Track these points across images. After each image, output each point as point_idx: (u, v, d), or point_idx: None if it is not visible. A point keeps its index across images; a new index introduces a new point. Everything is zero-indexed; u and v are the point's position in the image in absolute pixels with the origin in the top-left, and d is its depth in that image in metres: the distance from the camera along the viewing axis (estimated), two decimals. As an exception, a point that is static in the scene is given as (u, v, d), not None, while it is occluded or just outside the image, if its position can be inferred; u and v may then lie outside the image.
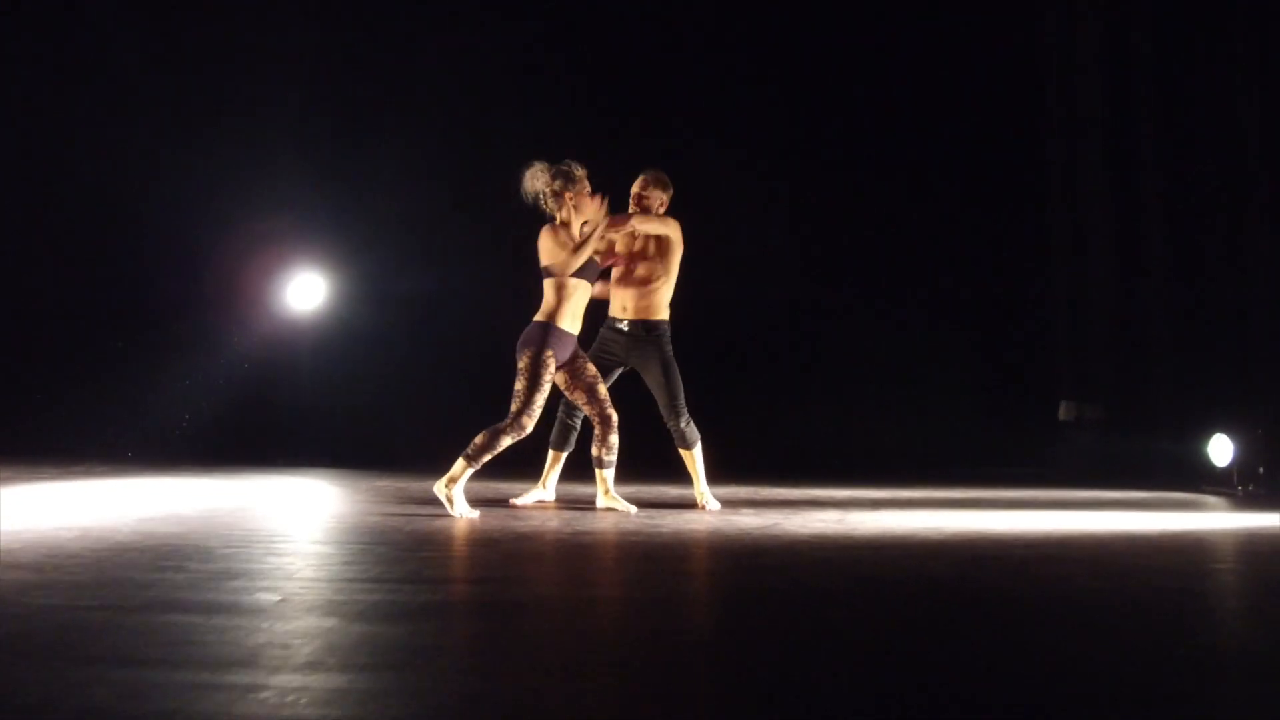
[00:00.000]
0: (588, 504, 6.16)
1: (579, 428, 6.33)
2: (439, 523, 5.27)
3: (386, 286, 9.80)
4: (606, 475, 6.01)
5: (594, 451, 5.99)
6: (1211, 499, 7.33)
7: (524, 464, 6.71)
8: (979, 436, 9.87)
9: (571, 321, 5.74)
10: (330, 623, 2.94)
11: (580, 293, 5.76)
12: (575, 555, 4.46)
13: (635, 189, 6.21)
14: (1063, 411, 9.86)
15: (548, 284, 5.75)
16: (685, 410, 6.19)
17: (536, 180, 5.80)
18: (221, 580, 3.51)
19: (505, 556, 4.33)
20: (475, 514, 5.56)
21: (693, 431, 6.23)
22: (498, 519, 5.50)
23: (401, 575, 3.77)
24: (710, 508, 6.19)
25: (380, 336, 9.78)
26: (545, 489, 6.36)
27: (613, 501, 6.02)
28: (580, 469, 6.53)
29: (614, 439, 5.95)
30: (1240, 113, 8.61)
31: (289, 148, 9.84)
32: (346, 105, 10.00)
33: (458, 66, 9.84)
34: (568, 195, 5.76)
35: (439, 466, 5.69)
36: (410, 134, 9.77)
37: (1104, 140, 9.83)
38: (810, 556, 4.43)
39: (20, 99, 9.64)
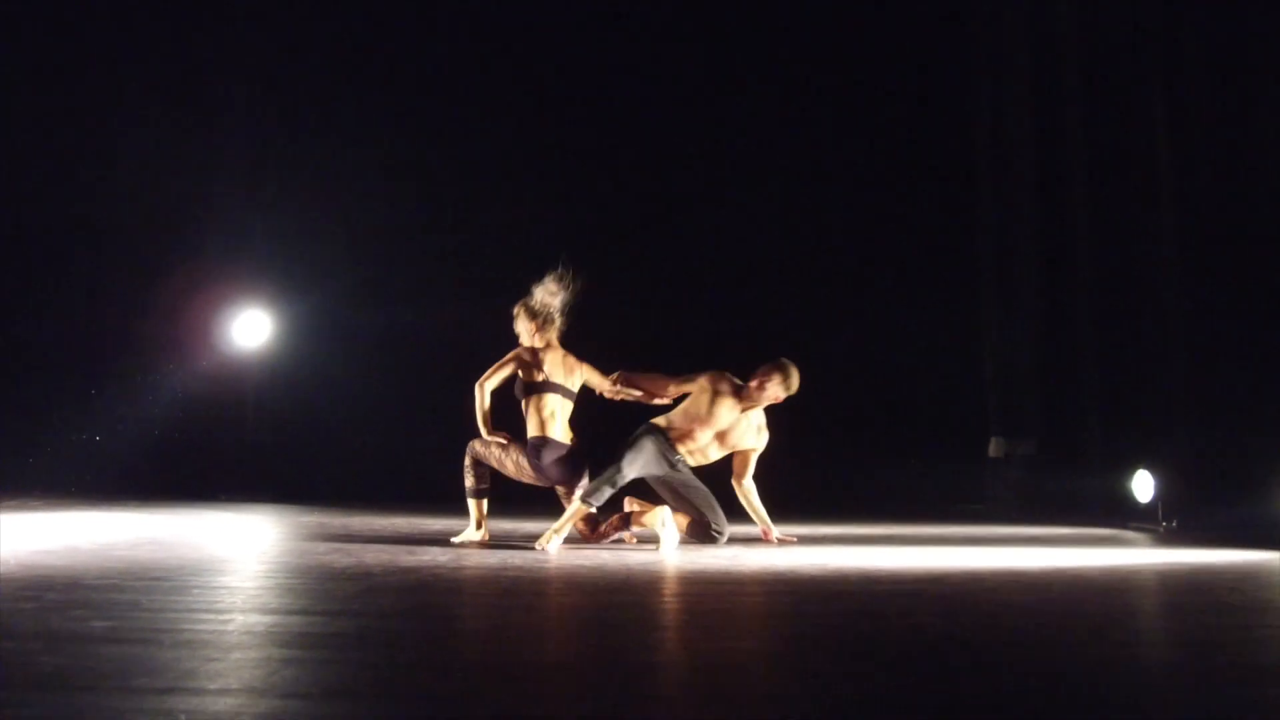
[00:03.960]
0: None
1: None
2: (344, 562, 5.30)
3: (334, 322, 9.86)
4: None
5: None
6: (1134, 535, 7.45)
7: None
8: (911, 474, 9.82)
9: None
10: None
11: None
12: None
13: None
14: (993, 448, 9.98)
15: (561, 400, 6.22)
16: None
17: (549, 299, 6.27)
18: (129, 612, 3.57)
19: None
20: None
21: None
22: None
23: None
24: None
25: (326, 373, 9.84)
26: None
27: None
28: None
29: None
30: (1161, 152, 8.63)
31: (237, 179, 10.05)
32: (298, 129, 10.09)
33: (415, 86, 9.90)
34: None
35: (376, 502, 5.63)
36: (359, 168, 9.85)
37: (1032, 171, 9.92)
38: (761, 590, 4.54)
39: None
